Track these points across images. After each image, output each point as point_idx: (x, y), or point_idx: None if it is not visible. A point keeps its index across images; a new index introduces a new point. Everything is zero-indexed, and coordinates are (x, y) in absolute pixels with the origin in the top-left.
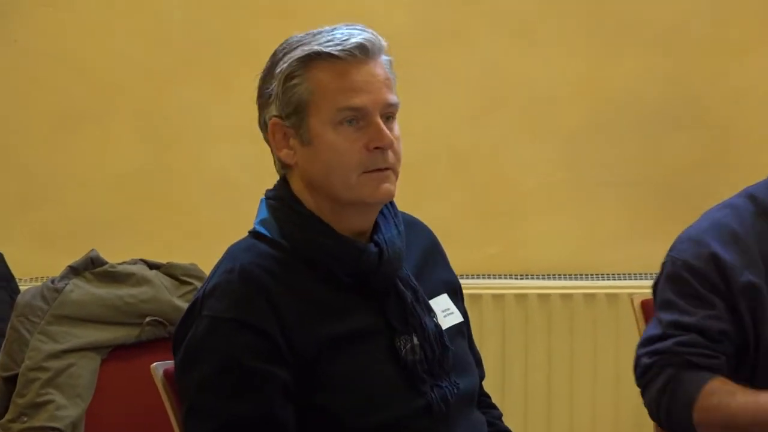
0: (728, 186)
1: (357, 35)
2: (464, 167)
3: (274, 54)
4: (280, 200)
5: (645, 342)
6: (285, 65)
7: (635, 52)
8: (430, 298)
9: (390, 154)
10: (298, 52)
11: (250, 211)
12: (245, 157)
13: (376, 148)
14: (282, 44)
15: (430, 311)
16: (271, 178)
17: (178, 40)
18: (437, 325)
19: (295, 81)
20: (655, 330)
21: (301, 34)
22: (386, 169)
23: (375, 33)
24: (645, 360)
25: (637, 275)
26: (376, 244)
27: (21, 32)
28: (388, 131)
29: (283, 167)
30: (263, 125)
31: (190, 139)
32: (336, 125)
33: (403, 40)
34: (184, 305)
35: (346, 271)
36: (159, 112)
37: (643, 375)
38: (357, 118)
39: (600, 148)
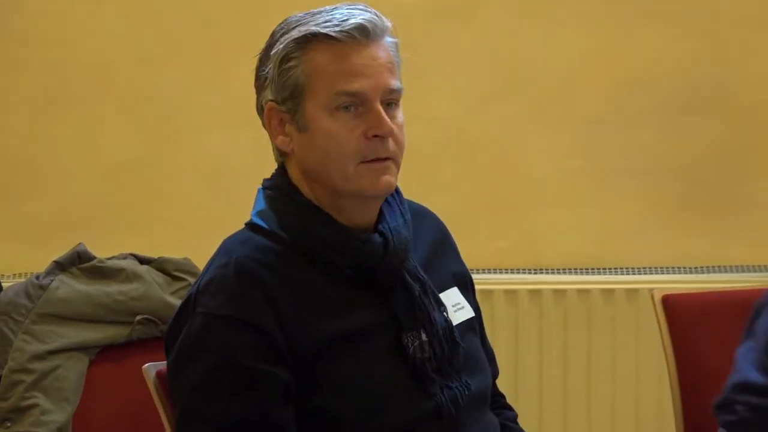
0: (756, 175)
1: (357, 15)
2: (474, 155)
3: (272, 34)
4: (278, 189)
5: (744, 388)
6: (281, 46)
7: (656, 29)
8: (440, 292)
9: (390, 142)
10: (295, 33)
11: (246, 202)
12: (242, 145)
13: (375, 136)
14: (280, 24)
15: (440, 305)
16: (269, 167)
17: (169, 18)
18: (447, 321)
19: (291, 63)
20: (759, 377)
21: (301, 14)
22: (386, 159)
23: (378, 13)
24: (742, 411)
25: (659, 269)
26: (381, 234)
27: (2, 13)
28: (388, 119)
29: (281, 154)
30: (260, 110)
31: (183, 125)
32: (333, 111)
33: (407, 18)
34: (177, 302)
35: (348, 263)
36: (150, 97)
37: (735, 424)
38: (355, 103)
39: (619, 134)
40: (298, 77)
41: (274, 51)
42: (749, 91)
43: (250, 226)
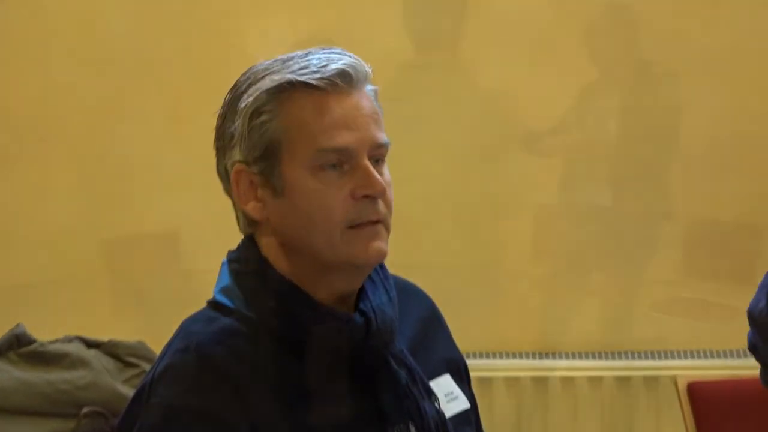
0: None
1: (337, 60)
2: (470, 220)
3: (235, 86)
4: (246, 263)
5: None
6: (251, 99)
7: (678, 80)
8: (430, 379)
9: (381, 204)
10: (267, 83)
11: (209, 277)
12: (204, 209)
13: (365, 196)
14: (245, 74)
15: (430, 395)
16: (235, 236)
17: (121, 65)
18: (439, 412)
19: (263, 118)
20: None
21: (268, 61)
22: (377, 222)
23: (357, 57)
24: None
25: (681, 353)
26: (363, 314)
27: None
28: (378, 176)
29: (250, 224)
30: (223, 173)
31: (135, 186)
32: (316, 170)
33: (390, 63)
34: (130, 392)
35: (327, 348)
36: (101, 154)
37: None
38: (341, 161)
39: (638, 197)
40: (272, 133)
41: (242, 104)
42: None
43: (213, 304)
